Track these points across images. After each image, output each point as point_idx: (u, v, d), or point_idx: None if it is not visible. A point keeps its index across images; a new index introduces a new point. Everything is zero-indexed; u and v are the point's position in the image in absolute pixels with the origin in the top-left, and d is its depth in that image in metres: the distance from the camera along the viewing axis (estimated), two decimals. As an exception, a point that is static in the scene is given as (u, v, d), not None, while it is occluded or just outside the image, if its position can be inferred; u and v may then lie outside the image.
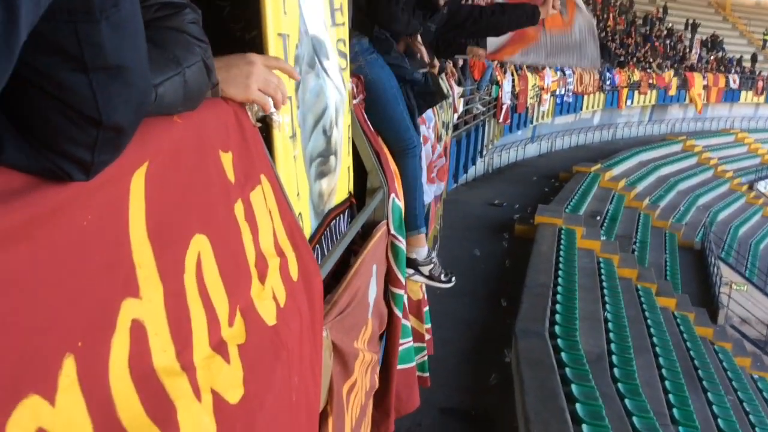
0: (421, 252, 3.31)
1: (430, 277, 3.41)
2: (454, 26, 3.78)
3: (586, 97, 22.24)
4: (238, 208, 1.20)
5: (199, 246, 0.99)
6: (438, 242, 9.57)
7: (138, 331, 0.76)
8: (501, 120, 14.57)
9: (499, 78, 13.90)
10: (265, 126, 1.58)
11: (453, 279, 3.60)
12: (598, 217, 15.95)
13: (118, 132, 0.70)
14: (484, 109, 12.97)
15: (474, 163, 13.56)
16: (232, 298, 1.05)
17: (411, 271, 3.26)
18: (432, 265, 3.38)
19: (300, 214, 1.77)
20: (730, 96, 30.24)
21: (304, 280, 1.45)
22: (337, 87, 2.18)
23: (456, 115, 9.06)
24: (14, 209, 0.60)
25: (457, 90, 9.04)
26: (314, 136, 1.98)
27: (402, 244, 2.70)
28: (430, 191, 4.43)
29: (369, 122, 2.81)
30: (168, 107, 0.98)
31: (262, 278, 1.23)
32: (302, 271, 1.45)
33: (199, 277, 0.96)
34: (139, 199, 0.84)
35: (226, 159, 1.21)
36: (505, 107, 14.54)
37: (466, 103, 11.06)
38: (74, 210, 0.70)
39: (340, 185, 2.28)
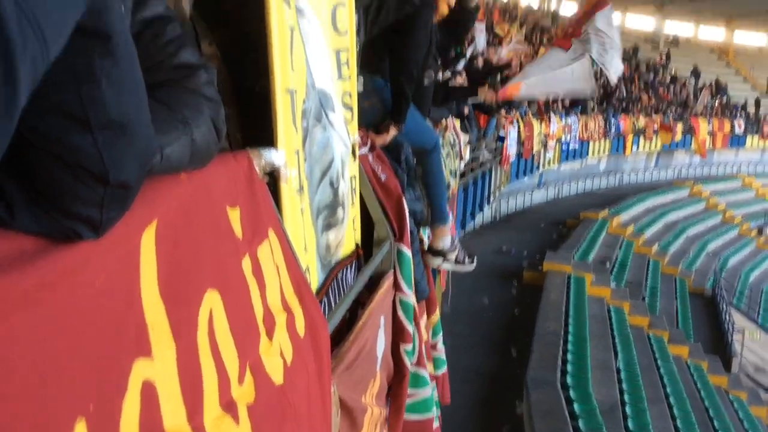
0: (446, 240, 3.67)
1: (456, 261, 3.77)
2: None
3: (591, 143, 22.33)
4: (246, 264, 1.21)
5: (212, 302, 1.00)
6: (449, 291, 9.53)
7: (149, 392, 0.76)
8: (503, 164, 14.64)
9: (504, 127, 14.01)
10: (273, 180, 1.60)
11: (474, 260, 3.98)
12: (608, 264, 15.86)
13: (125, 188, 0.72)
14: (491, 156, 13.05)
15: (481, 210, 13.57)
16: (242, 355, 1.05)
17: (439, 260, 3.61)
18: (456, 251, 3.74)
19: (307, 267, 1.77)
20: (736, 141, 30.33)
21: (311, 336, 1.45)
22: (342, 139, 2.21)
23: (462, 163, 9.11)
24: (27, 274, 0.61)
25: (464, 138, 9.11)
26: (321, 189, 1.99)
27: (410, 298, 2.69)
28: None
29: (382, 165, 2.85)
30: (175, 167, 1.00)
31: (270, 334, 1.23)
32: (309, 326, 1.45)
33: (211, 334, 0.97)
34: (150, 258, 0.85)
35: (234, 214, 1.22)
36: (510, 153, 14.62)
37: (473, 151, 11.12)
38: (86, 272, 0.70)
39: (347, 237, 2.29)
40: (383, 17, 2.65)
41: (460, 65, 9.67)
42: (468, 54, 9.68)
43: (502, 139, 13.68)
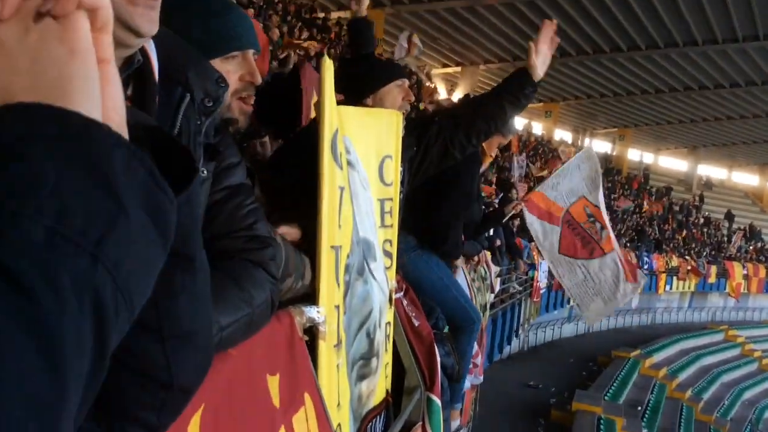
0: (452, 426, 3.46)
1: None
2: None
3: (623, 279, 22.09)
4: (281, 436, 1.19)
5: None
6: (471, 425, 9.19)
7: None
8: (533, 296, 14.51)
9: (535, 258, 14.00)
10: (311, 334, 1.60)
11: None
12: (639, 408, 15.23)
13: (185, 393, 0.72)
14: (521, 288, 12.96)
15: (509, 343, 13.35)
16: None
17: None
18: None
19: (339, 425, 1.74)
20: (772, 287, 29.77)
21: (339, 506, 1.40)
22: (381, 288, 2.23)
23: (492, 295, 9.05)
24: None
25: (494, 269, 9.10)
26: (358, 340, 1.99)
27: (439, 452, 2.61)
28: (467, 381, 4.35)
29: (415, 311, 2.84)
30: (229, 345, 1.02)
31: None
32: (338, 495, 1.40)
33: None
34: (192, 448, 0.84)
35: (273, 383, 1.22)
36: (540, 286, 14.53)
37: (503, 282, 11.07)
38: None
39: (378, 385, 2.25)
40: (425, 169, 2.73)
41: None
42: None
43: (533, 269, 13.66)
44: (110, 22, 0.54)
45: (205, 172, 1.18)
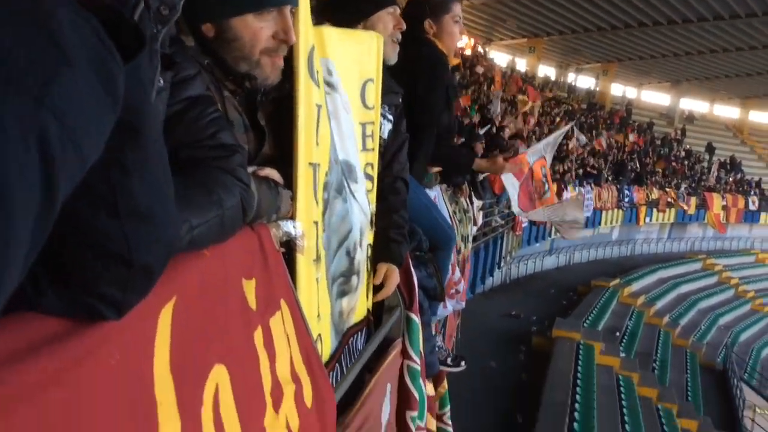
0: (436, 341, 3.62)
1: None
2: None
3: (604, 212, 22.36)
4: (258, 336, 1.22)
5: (218, 377, 1.01)
6: (454, 351, 9.40)
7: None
8: (515, 230, 14.66)
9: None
10: (290, 249, 1.62)
11: (463, 363, 3.97)
12: (617, 334, 15.66)
13: (147, 271, 0.75)
14: (503, 222, 13.08)
15: (492, 275, 13.54)
16: (246, 429, 1.06)
17: None
18: (437, 350, 3.56)
19: (320, 335, 1.78)
20: (750, 217, 30.22)
21: (317, 407, 1.45)
22: (363, 209, 2.25)
23: (475, 228, 9.14)
24: (48, 356, 0.63)
25: (477, 203, 9.15)
26: (338, 258, 2.02)
27: (418, 365, 2.68)
28: (449, 306, 4.43)
29: None
30: (202, 245, 1.03)
31: (277, 406, 1.23)
32: (316, 396, 1.45)
33: (215, 410, 0.98)
34: (165, 335, 0.87)
35: (249, 286, 1.25)
36: (522, 220, 14.66)
37: (485, 216, 11.16)
38: (104, 350, 0.73)
39: (359, 303, 2.30)
40: None
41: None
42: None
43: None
44: None
45: (162, 81, 1.16)
